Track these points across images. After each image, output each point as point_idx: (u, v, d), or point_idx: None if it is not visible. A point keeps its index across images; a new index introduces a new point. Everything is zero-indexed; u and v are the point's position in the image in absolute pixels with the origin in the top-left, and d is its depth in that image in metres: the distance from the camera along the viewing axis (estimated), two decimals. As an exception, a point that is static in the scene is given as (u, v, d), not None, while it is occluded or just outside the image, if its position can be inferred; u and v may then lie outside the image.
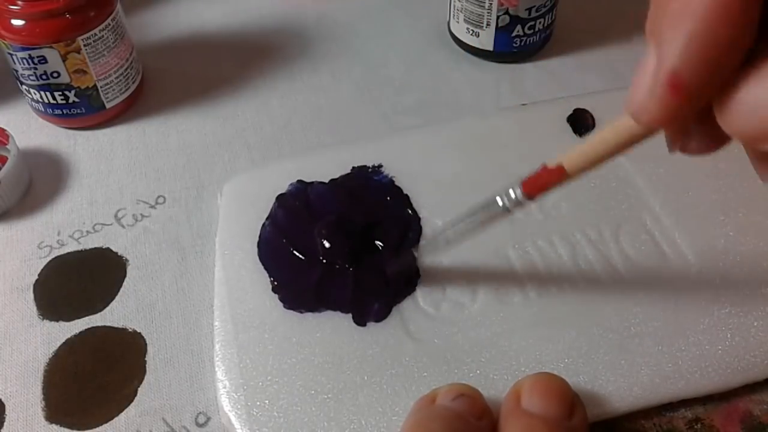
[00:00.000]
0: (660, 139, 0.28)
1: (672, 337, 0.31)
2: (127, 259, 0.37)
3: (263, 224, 0.36)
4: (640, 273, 0.33)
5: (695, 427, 0.30)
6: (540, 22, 0.45)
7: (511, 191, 0.28)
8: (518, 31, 0.44)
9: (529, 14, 0.44)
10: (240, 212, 0.37)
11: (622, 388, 0.30)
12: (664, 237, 0.35)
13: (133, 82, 0.44)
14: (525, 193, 0.28)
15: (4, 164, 0.38)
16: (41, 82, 0.41)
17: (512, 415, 0.27)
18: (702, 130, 0.22)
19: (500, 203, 0.29)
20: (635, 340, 0.31)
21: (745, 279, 0.33)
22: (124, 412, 0.31)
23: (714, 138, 0.22)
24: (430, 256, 0.34)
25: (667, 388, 0.30)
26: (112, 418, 0.31)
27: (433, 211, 0.36)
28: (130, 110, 0.45)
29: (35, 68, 0.40)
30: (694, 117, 0.22)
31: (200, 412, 0.31)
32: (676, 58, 0.19)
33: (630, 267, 0.34)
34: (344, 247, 0.34)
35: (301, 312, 0.33)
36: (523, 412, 0.26)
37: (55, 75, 0.41)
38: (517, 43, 0.45)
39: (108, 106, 0.43)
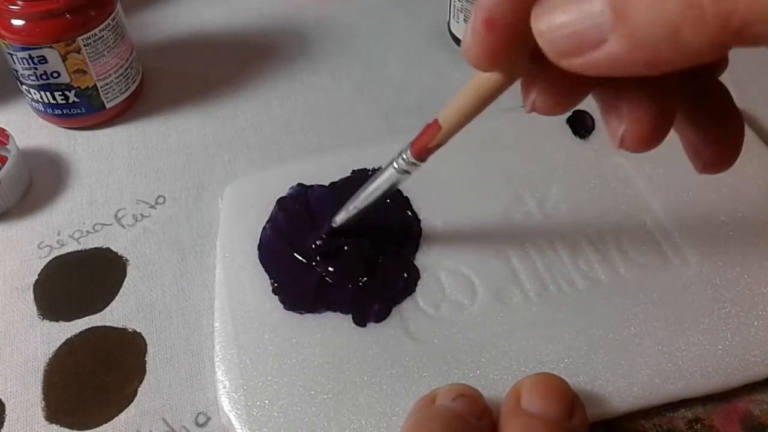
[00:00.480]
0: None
1: (672, 337, 0.31)
2: (127, 259, 0.37)
3: (264, 227, 0.36)
4: (640, 273, 0.33)
5: (695, 427, 0.30)
6: (540, 22, 0.45)
7: (403, 154, 0.30)
8: (518, 31, 0.44)
9: (529, 14, 0.44)
10: (241, 215, 0.37)
11: (622, 388, 0.30)
12: (664, 237, 0.35)
13: (133, 82, 0.44)
14: (413, 152, 0.30)
15: (4, 164, 0.38)
16: (41, 82, 0.41)
17: (512, 414, 0.27)
18: (543, 83, 0.24)
19: (395, 166, 0.30)
20: (635, 340, 0.31)
21: (745, 279, 0.33)
22: (124, 412, 0.31)
23: (556, 92, 0.24)
24: (343, 223, 0.34)
25: (667, 388, 0.30)
26: (112, 418, 0.31)
27: (433, 212, 0.36)
28: (130, 110, 0.45)
29: (35, 68, 0.40)
30: (523, 61, 0.23)
31: (200, 412, 0.31)
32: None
33: (630, 267, 0.34)
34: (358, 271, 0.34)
35: (301, 313, 0.33)
36: (523, 412, 0.26)
37: (55, 75, 0.41)
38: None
39: (108, 106, 0.43)
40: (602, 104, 0.24)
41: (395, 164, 0.30)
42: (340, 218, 0.34)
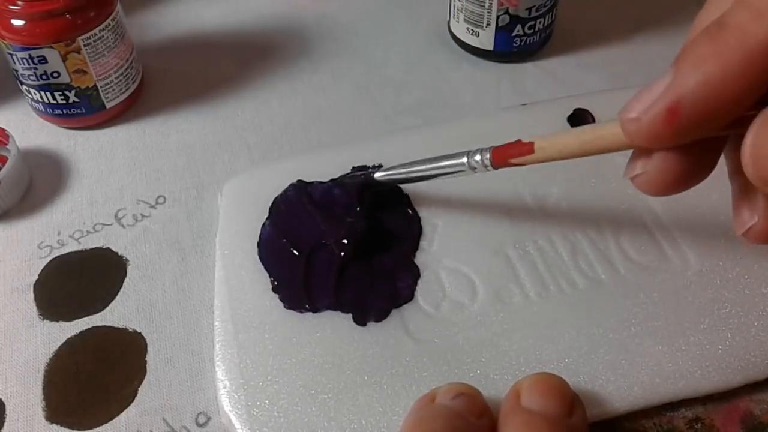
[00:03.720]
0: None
1: (672, 337, 0.31)
2: (127, 259, 0.37)
3: (263, 224, 0.36)
4: (640, 273, 0.33)
5: (695, 426, 0.30)
6: (540, 22, 0.45)
7: (479, 155, 0.30)
8: (518, 31, 0.44)
9: (529, 14, 0.44)
10: (240, 212, 0.37)
11: (622, 387, 0.30)
12: (665, 237, 0.35)
13: (133, 82, 0.44)
14: (493, 157, 0.30)
15: (4, 164, 0.38)
16: (41, 82, 0.41)
17: (512, 412, 0.27)
18: (669, 154, 0.23)
19: (465, 161, 0.31)
20: (635, 340, 0.31)
21: (745, 279, 0.33)
22: (125, 412, 0.31)
23: (681, 167, 0.23)
24: (383, 181, 0.35)
25: (668, 387, 0.30)
26: (112, 418, 0.31)
27: (433, 211, 0.36)
28: (130, 110, 0.45)
29: (35, 68, 0.40)
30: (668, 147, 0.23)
31: (200, 412, 0.31)
32: (687, 89, 0.20)
33: (630, 267, 0.33)
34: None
35: (301, 312, 0.33)
36: (523, 410, 0.27)
37: (55, 75, 0.41)
38: (517, 43, 0.45)
39: (108, 106, 0.43)
40: (738, 191, 0.24)
41: (468, 159, 0.31)
42: (383, 174, 0.35)
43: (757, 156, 0.20)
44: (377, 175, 0.35)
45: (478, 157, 0.31)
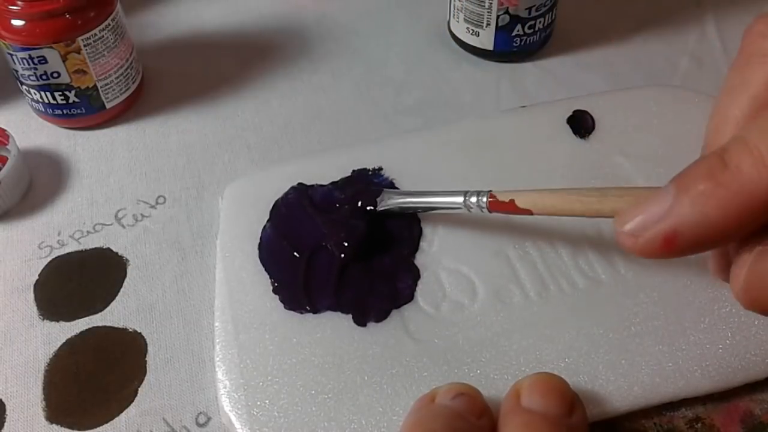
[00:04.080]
0: (660, 140, 0.28)
1: (672, 337, 0.31)
2: (127, 259, 0.37)
3: (264, 226, 0.36)
4: (640, 272, 0.33)
5: (696, 426, 0.30)
6: (540, 22, 0.45)
7: (475, 197, 0.32)
8: (518, 31, 0.44)
9: (529, 14, 0.44)
10: (241, 215, 0.37)
11: (622, 387, 0.30)
12: (664, 237, 0.35)
13: (133, 82, 0.44)
14: (489, 206, 0.32)
15: (4, 164, 0.38)
16: (41, 82, 0.41)
17: (512, 412, 0.27)
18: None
19: (462, 201, 0.32)
20: (635, 339, 0.31)
21: (745, 279, 0.33)
22: (125, 412, 0.31)
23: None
24: (387, 203, 0.35)
25: (668, 387, 0.30)
26: (112, 418, 0.31)
27: (424, 213, 0.36)
28: (130, 110, 0.45)
29: (35, 68, 0.40)
30: None
31: (201, 412, 0.31)
32: (685, 223, 0.21)
33: (630, 267, 0.33)
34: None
35: (302, 313, 0.33)
36: (523, 410, 0.27)
37: (55, 75, 0.41)
38: (517, 43, 0.45)
39: (108, 106, 0.43)
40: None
41: (467, 199, 0.32)
42: (383, 204, 0.35)
43: (749, 290, 0.21)
44: (380, 208, 0.35)
45: (474, 200, 0.32)
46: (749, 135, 0.20)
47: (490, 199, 0.32)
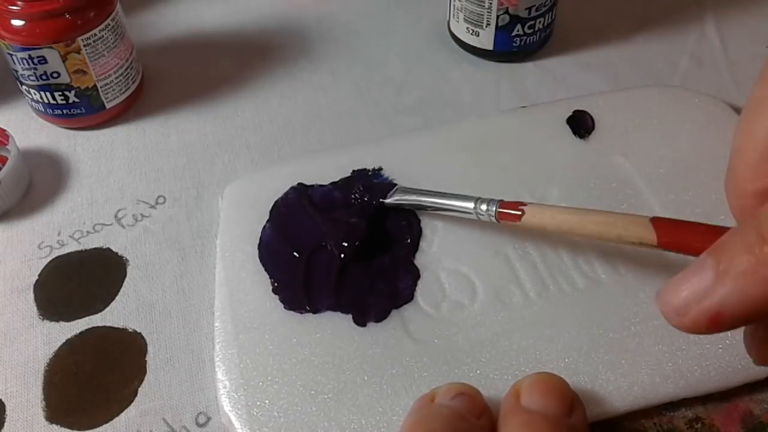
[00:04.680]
0: (660, 140, 0.28)
1: (672, 337, 0.31)
2: (127, 259, 0.37)
3: (264, 226, 0.36)
4: (640, 272, 0.33)
5: (695, 426, 0.30)
6: (540, 22, 0.45)
7: (485, 205, 0.33)
8: (518, 31, 0.44)
9: (529, 14, 0.44)
10: (241, 215, 0.37)
11: (622, 387, 0.30)
12: (664, 237, 0.35)
13: (133, 82, 0.44)
14: (498, 218, 0.32)
15: (4, 164, 0.38)
16: (41, 82, 0.41)
17: (512, 412, 0.27)
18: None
19: (471, 207, 0.33)
20: (635, 339, 0.31)
21: (745, 279, 0.33)
22: (125, 412, 0.31)
23: None
24: (397, 197, 0.36)
25: (668, 387, 0.30)
26: (112, 418, 0.31)
27: (433, 212, 0.36)
28: (130, 110, 0.45)
29: (35, 68, 0.40)
30: None
31: (200, 412, 0.31)
32: (728, 303, 0.20)
33: (630, 267, 0.33)
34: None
35: (302, 313, 0.33)
36: (522, 409, 0.27)
37: (55, 75, 0.41)
38: (517, 43, 0.45)
39: (108, 106, 0.43)
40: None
41: (477, 206, 0.33)
42: (392, 199, 0.36)
43: None
44: (389, 198, 0.36)
45: (483, 208, 0.33)
46: None
47: (499, 210, 0.32)
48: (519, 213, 0.31)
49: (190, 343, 0.34)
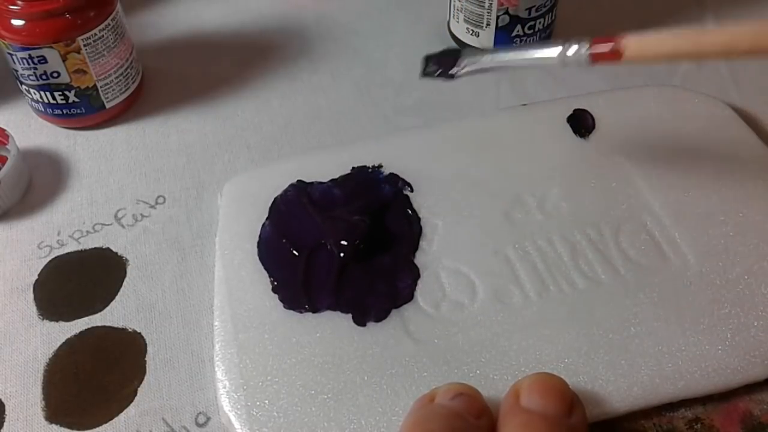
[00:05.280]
0: (660, 140, 0.27)
1: (672, 337, 0.31)
2: (127, 259, 0.37)
3: (263, 224, 0.36)
4: (640, 273, 0.33)
5: (695, 427, 0.30)
6: (540, 22, 0.45)
7: (579, 47, 0.29)
8: (518, 31, 0.44)
9: (529, 14, 0.44)
10: (240, 212, 0.37)
11: (622, 388, 0.30)
12: (664, 237, 0.35)
13: (133, 82, 0.44)
14: (591, 58, 0.29)
15: (4, 164, 0.38)
16: (41, 82, 0.41)
17: (511, 412, 0.27)
18: None
19: (563, 50, 0.30)
20: (635, 340, 0.31)
21: (745, 279, 0.33)
22: (124, 412, 0.31)
23: None
24: (468, 67, 0.34)
25: (667, 388, 0.30)
26: (112, 418, 0.31)
27: (433, 211, 0.36)
28: (130, 110, 0.45)
29: (35, 68, 0.40)
30: None
31: (200, 412, 0.31)
32: None
33: (630, 267, 0.33)
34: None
35: (301, 312, 0.33)
36: (522, 410, 0.27)
37: (55, 75, 0.41)
38: (517, 43, 0.45)
39: (108, 106, 0.43)
40: None
41: (565, 49, 0.30)
42: (466, 67, 0.34)
43: None
44: (460, 72, 0.33)
45: (574, 50, 0.29)
46: None
47: (591, 50, 0.29)
48: (618, 51, 0.28)
49: (190, 342, 0.34)
